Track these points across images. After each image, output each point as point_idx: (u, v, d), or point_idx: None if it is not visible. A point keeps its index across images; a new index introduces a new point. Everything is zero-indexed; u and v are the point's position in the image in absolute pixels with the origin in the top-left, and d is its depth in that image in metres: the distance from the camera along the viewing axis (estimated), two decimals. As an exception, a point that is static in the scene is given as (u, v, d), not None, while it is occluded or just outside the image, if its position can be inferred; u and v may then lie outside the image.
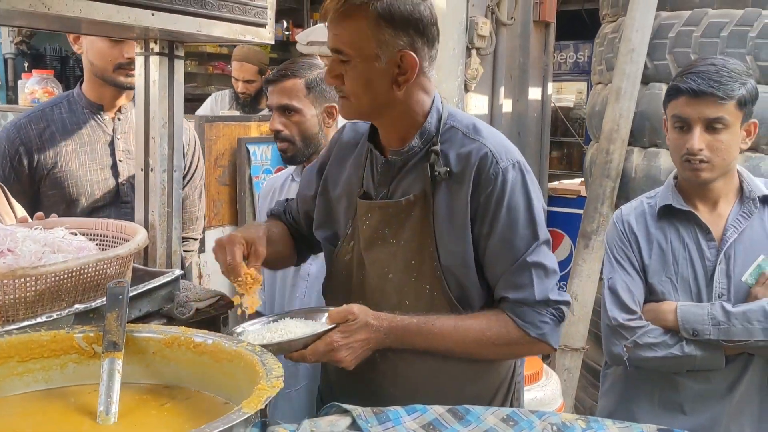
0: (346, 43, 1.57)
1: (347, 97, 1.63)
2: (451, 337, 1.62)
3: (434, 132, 1.67)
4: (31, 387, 1.44)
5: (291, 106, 2.34)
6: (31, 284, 1.50)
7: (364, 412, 1.26)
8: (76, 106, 2.47)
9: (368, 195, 1.75)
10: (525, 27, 5.69)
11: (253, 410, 1.12)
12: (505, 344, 1.64)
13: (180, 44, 2.02)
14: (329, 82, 1.64)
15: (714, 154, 1.96)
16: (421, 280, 1.67)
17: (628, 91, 3.30)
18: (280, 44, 8.23)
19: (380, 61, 1.57)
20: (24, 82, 4.61)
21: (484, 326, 1.63)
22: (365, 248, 1.73)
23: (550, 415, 1.31)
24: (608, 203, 3.35)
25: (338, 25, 1.58)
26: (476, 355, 1.67)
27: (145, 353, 1.49)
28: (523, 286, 1.63)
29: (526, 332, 1.63)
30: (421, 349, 1.63)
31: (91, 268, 1.62)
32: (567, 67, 9.45)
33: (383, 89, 1.61)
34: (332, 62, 1.61)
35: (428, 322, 1.61)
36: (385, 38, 1.56)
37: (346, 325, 1.56)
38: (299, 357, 1.54)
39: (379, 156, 1.73)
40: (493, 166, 1.61)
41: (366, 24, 1.55)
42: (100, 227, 1.93)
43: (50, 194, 2.39)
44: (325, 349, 1.54)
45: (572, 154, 9.36)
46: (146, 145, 2.03)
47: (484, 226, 1.63)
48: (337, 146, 1.87)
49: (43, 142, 2.39)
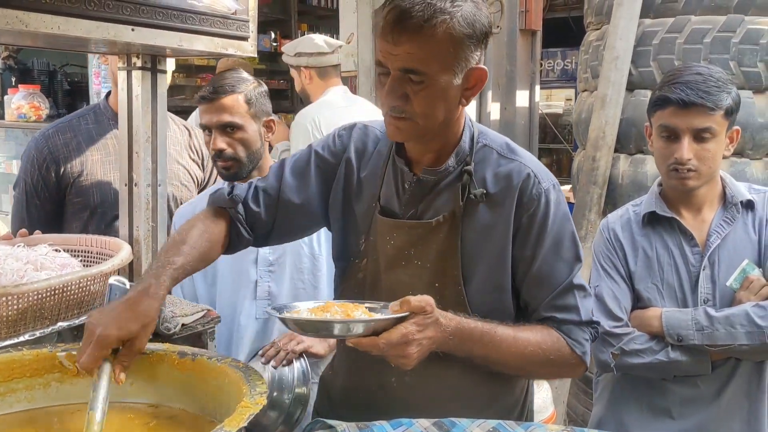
0: (422, 62, 1.43)
1: (412, 118, 1.49)
2: (510, 347, 1.53)
3: (468, 151, 1.60)
4: (13, 407, 1.43)
5: (234, 123, 2.25)
6: (13, 303, 1.49)
7: (349, 427, 1.26)
8: (102, 118, 2.56)
9: (390, 212, 1.65)
10: (511, 35, 5.72)
11: (236, 428, 1.11)
12: (556, 360, 1.58)
13: (162, 58, 2.01)
14: (392, 103, 1.49)
15: (701, 162, 1.97)
16: (444, 304, 1.54)
17: (613, 98, 3.30)
18: (268, 55, 8.23)
19: (457, 78, 1.47)
20: (10, 98, 4.61)
21: (540, 339, 1.56)
22: (386, 269, 1.63)
23: (536, 426, 1.31)
24: (596, 210, 3.35)
25: (413, 42, 1.42)
26: (527, 370, 1.61)
27: (128, 371, 1.48)
28: (569, 308, 1.59)
29: (573, 350, 1.58)
30: (477, 356, 1.52)
31: (74, 285, 1.61)
32: (555, 74, 9.50)
33: (454, 108, 1.53)
34: (396, 81, 1.46)
35: (491, 329, 1.52)
36: (466, 54, 1.46)
37: (423, 317, 1.41)
38: (370, 344, 1.36)
39: (407, 172, 1.63)
40: (536, 186, 1.56)
41: (449, 38, 1.43)
42: (84, 243, 1.92)
43: (75, 201, 2.48)
44: (398, 340, 1.37)
45: (561, 161, 9.40)
46: (129, 159, 2.02)
47: (526, 248, 1.57)
48: (350, 152, 1.71)
49: (69, 151, 2.49)
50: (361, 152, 1.72)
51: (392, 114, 1.50)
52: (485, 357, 1.52)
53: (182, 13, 1.77)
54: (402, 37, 1.42)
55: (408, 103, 1.47)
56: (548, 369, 1.60)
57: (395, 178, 1.65)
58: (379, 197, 1.66)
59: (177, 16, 1.75)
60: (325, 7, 9.08)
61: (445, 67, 1.45)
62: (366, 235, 1.67)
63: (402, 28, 1.42)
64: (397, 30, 1.42)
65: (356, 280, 1.69)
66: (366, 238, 1.67)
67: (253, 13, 1.96)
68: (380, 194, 1.66)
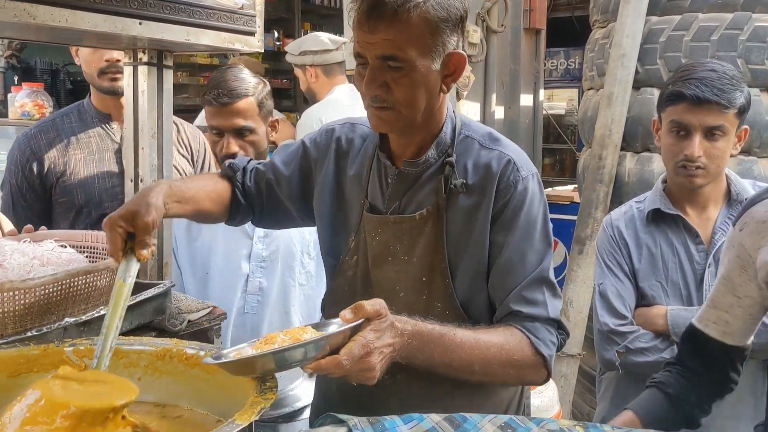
0: (400, 48, 1.43)
1: (394, 107, 1.49)
2: (472, 349, 1.46)
3: (449, 142, 1.60)
4: (20, 403, 1.41)
5: (249, 127, 2.27)
6: (19, 298, 1.48)
7: (360, 422, 1.24)
8: (86, 116, 2.52)
9: (375, 208, 1.65)
10: (515, 34, 5.71)
11: (246, 422, 1.10)
12: (520, 361, 1.51)
13: (169, 54, 2.00)
14: (373, 92, 1.49)
15: (710, 160, 1.96)
16: (433, 297, 1.58)
17: (619, 96, 3.29)
18: (271, 54, 8.23)
19: (435, 63, 1.47)
20: (14, 96, 4.60)
21: (503, 340, 1.50)
22: (374, 265, 1.63)
23: (548, 421, 1.29)
24: (602, 208, 3.34)
25: (389, 29, 1.42)
26: (490, 373, 1.52)
27: (136, 366, 1.47)
28: (536, 302, 1.55)
29: (537, 350, 1.52)
30: (437, 361, 1.44)
31: (80, 280, 1.59)
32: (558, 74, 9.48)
33: (435, 95, 1.52)
34: (376, 70, 1.46)
35: (450, 331, 1.46)
36: (443, 39, 1.46)
37: (378, 321, 1.32)
38: (331, 364, 1.24)
39: (390, 166, 1.63)
40: (514, 173, 1.55)
41: (424, 23, 1.43)
42: (90, 239, 1.91)
43: (61, 201, 2.45)
44: (360, 352, 1.26)
45: (564, 161, 9.37)
46: (135, 155, 2.01)
47: (499, 234, 1.56)
48: (337, 150, 1.73)
49: (53, 151, 2.45)
50: (346, 149, 1.72)
51: (374, 105, 1.51)
52: (447, 363, 1.45)
53: (189, 7, 1.77)
54: (378, 25, 1.43)
55: (389, 91, 1.48)
56: (512, 371, 1.53)
57: (379, 174, 1.65)
58: (367, 194, 1.66)
59: (184, 10, 1.75)
60: (329, 6, 9.09)
61: (423, 51, 1.45)
62: (356, 232, 1.67)
63: (377, 16, 1.43)
64: (372, 18, 1.43)
65: (346, 278, 1.69)
66: (356, 235, 1.67)
67: (260, 8, 1.95)
68: (368, 191, 1.66)
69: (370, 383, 1.31)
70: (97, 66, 2.40)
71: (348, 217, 1.69)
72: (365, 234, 1.65)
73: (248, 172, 1.78)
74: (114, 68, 2.36)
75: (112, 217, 1.44)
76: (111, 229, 1.42)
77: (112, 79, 2.39)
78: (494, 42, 5.43)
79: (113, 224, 1.43)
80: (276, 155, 1.80)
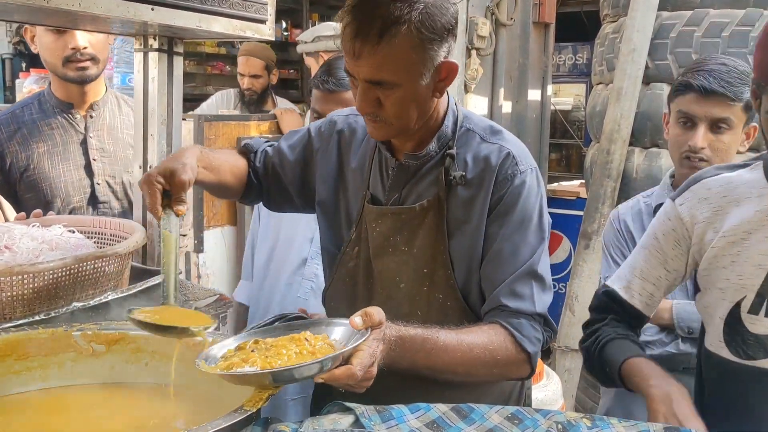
0: (387, 72, 1.43)
1: (386, 120, 1.50)
2: (455, 351, 1.45)
3: (450, 135, 1.60)
4: (29, 386, 1.42)
5: None
6: (28, 281, 1.49)
7: (367, 410, 1.24)
8: (47, 106, 2.39)
9: (376, 200, 1.65)
10: (524, 28, 5.68)
11: (255, 408, 1.10)
12: (503, 360, 1.50)
13: (179, 41, 2.00)
14: (365, 110, 1.50)
15: (714, 153, 1.96)
16: (434, 289, 1.58)
17: (629, 91, 3.29)
18: (279, 44, 8.21)
19: (425, 78, 1.47)
20: (21, 82, 4.60)
21: (486, 340, 1.48)
22: (375, 256, 1.63)
23: (555, 413, 1.29)
24: (609, 203, 3.33)
25: (374, 55, 1.41)
26: (473, 374, 1.51)
27: (143, 352, 1.48)
28: (523, 296, 1.54)
29: (522, 347, 1.51)
30: (421, 365, 1.43)
31: (89, 265, 1.60)
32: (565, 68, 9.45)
33: (427, 103, 1.52)
34: (365, 90, 1.46)
35: (433, 335, 1.43)
36: (430, 55, 1.44)
37: (379, 330, 1.31)
38: (346, 375, 1.22)
39: (390, 159, 1.64)
40: (512, 167, 1.55)
41: (409, 46, 1.41)
42: (98, 225, 1.91)
43: (27, 197, 2.32)
44: (368, 362, 1.25)
45: (571, 156, 9.35)
46: (144, 142, 2.01)
47: (493, 226, 1.56)
48: (339, 141, 1.74)
49: (14, 144, 2.33)
50: (349, 141, 1.73)
51: (368, 118, 1.52)
52: (430, 366, 1.44)
53: (201, -6, 1.76)
54: (363, 51, 1.41)
55: (381, 108, 1.48)
56: (496, 370, 1.52)
57: (380, 165, 1.66)
58: (369, 185, 1.66)
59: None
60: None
61: (410, 73, 1.44)
62: (357, 223, 1.67)
63: (361, 44, 1.41)
64: (357, 45, 1.42)
65: (348, 269, 1.69)
66: (357, 226, 1.67)
67: (271, -5, 1.95)
68: (369, 182, 1.66)
69: (360, 391, 1.29)
70: (61, 54, 2.27)
71: (349, 208, 1.70)
72: (366, 225, 1.65)
73: (259, 153, 1.79)
74: (80, 56, 2.27)
75: (151, 174, 1.45)
76: (150, 185, 1.44)
77: (78, 68, 2.29)
78: (503, 35, 5.40)
79: (152, 181, 1.44)
80: (283, 140, 1.80)
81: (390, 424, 1.23)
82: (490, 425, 1.25)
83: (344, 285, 1.70)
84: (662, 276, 1.62)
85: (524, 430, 1.24)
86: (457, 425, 1.25)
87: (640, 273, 1.64)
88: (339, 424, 1.21)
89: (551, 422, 1.26)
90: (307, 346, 1.24)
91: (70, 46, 2.26)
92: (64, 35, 2.25)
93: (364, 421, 1.22)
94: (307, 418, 1.24)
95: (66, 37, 2.26)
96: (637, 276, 1.64)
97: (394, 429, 1.21)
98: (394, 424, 1.23)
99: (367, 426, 1.21)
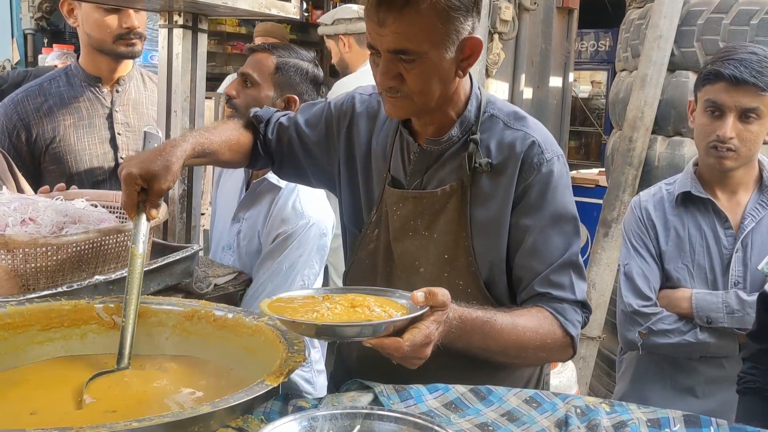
0: (412, 41, 1.40)
1: (408, 96, 1.47)
2: (510, 335, 1.45)
3: (474, 120, 1.57)
4: (52, 357, 1.43)
5: (251, 78, 2.17)
6: (52, 253, 1.50)
7: (386, 389, 1.25)
8: (75, 80, 2.43)
9: (398, 183, 1.64)
10: (548, 13, 5.63)
11: (276, 383, 1.11)
12: (551, 344, 1.51)
13: (204, 18, 2.00)
14: (386, 84, 1.47)
15: (742, 143, 1.94)
16: (455, 275, 1.56)
17: (653, 78, 3.24)
18: (299, 26, 8.20)
19: (449, 51, 1.44)
20: (44, 57, 4.64)
21: (536, 324, 1.49)
22: (394, 239, 1.62)
23: (573, 397, 1.29)
24: (629, 191, 3.30)
25: (398, 22, 1.39)
26: (522, 356, 1.51)
27: (164, 326, 1.49)
28: (563, 286, 1.54)
29: (566, 330, 1.52)
30: (475, 346, 1.42)
31: (111, 239, 1.61)
32: (587, 55, 9.36)
33: (450, 80, 1.49)
34: (388, 62, 1.44)
35: (491, 318, 1.43)
36: (455, 26, 1.42)
37: (441, 313, 1.28)
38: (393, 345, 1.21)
39: (412, 143, 1.61)
40: (538, 155, 1.52)
41: (434, 13, 1.39)
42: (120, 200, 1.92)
43: (51, 169, 2.37)
44: (421, 341, 1.23)
45: (590, 144, 9.29)
46: (167, 118, 2.02)
47: (523, 217, 1.53)
48: (356, 120, 1.72)
49: (40, 116, 2.36)
50: (371, 121, 1.71)
51: (388, 94, 1.49)
52: (484, 347, 1.44)
53: (227, -30, 1.76)
54: (387, 18, 1.39)
55: (403, 82, 1.46)
56: (543, 354, 1.54)
57: (401, 149, 1.64)
58: (390, 167, 1.65)
59: (222, -27, 1.74)
60: (359, -22, 9.00)
61: (435, 42, 1.42)
62: (378, 205, 1.66)
63: (386, 9, 1.39)
64: (381, 11, 1.40)
65: (368, 251, 1.68)
66: (378, 208, 1.66)
67: (297, -27, 1.94)
68: (390, 164, 1.65)
69: (412, 368, 1.27)
70: (113, 32, 2.33)
71: (371, 190, 1.69)
72: (387, 208, 1.64)
73: (271, 124, 1.78)
74: (133, 35, 2.33)
75: (132, 174, 1.44)
76: (129, 184, 1.44)
77: (129, 44, 2.34)
78: (526, 20, 5.35)
79: (132, 181, 1.44)
80: (300, 113, 1.79)
81: (408, 403, 1.23)
82: (509, 407, 1.25)
83: (364, 267, 1.70)
84: None
85: (543, 413, 1.24)
86: (475, 406, 1.25)
87: None
88: (358, 401, 1.22)
89: (570, 406, 1.26)
90: (366, 311, 1.25)
91: (125, 26, 2.32)
92: (118, 14, 2.31)
93: (382, 400, 1.23)
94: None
95: (120, 17, 2.31)
96: None
97: (413, 408, 1.22)
98: (413, 404, 1.23)
99: (386, 404, 1.21)
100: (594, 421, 1.20)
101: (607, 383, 3.40)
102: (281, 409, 1.17)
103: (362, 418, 1.08)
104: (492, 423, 1.20)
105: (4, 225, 1.57)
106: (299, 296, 1.34)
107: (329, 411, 1.09)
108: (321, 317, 1.21)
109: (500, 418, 1.22)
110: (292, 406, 1.18)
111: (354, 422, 1.07)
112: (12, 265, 1.48)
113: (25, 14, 6.68)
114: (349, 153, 1.72)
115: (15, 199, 1.67)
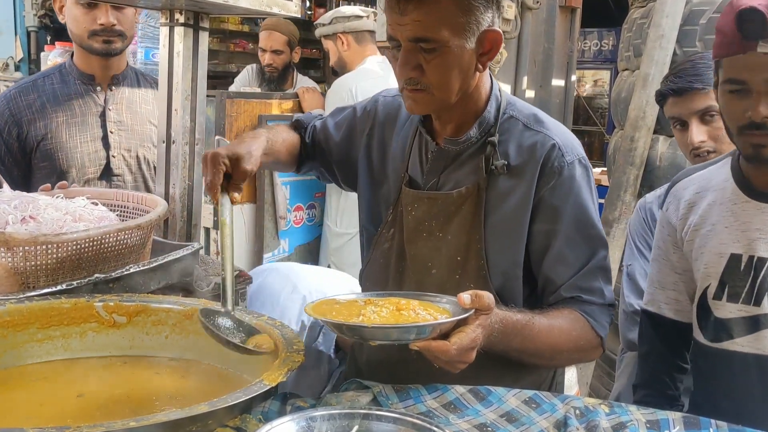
0: (432, 29, 1.40)
1: (427, 89, 1.46)
2: (547, 338, 1.45)
3: (493, 122, 1.56)
4: (51, 355, 1.44)
5: None
6: (52, 251, 1.50)
7: (385, 389, 1.25)
8: (68, 77, 2.42)
9: (414, 183, 1.63)
10: (551, 12, 5.60)
11: (274, 382, 1.11)
12: (584, 346, 1.52)
13: (205, 16, 1.99)
14: (406, 75, 1.46)
15: (718, 142, 1.99)
16: (466, 278, 1.55)
17: (656, 77, 3.23)
18: (302, 23, 8.16)
19: (469, 42, 1.43)
20: (47, 54, 4.63)
21: (570, 326, 1.50)
22: (408, 240, 1.61)
23: (573, 398, 1.29)
24: (631, 191, 3.30)
25: (419, 10, 1.39)
26: (557, 359, 1.53)
27: (164, 324, 1.49)
28: (593, 290, 1.54)
29: (596, 332, 1.52)
30: (513, 349, 1.42)
31: (111, 237, 1.61)
32: (590, 54, 9.34)
33: (470, 74, 1.49)
34: (408, 53, 1.43)
35: (530, 321, 1.43)
36: (476, 17, 1.42)
37: (486, 316, 1.28)
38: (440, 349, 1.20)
39: (430, 142, 1.61)
40: (558, 158, 1.51)
41: (455, 4, 1.40)
42: (121, 198, 1.93)
43: (42, 166, 2.35)
44: (467, 345, 1.22)
45: (593, 144, 9.27)
46: (168, 116, 2.01)
47: (545, 222, 1.52)
48: (383, 121, 1.73)
49: (33, 113, 2.35)
50: (392, 121, 1.72)
51: (408, 87, 1.48)
52: (522, 350, 1.44)
53: (229, -31, 1.76)
54: (408, 7, 1.40)
55: (422, 74, 1.45)
56: (576, 355, 1.56)
57: (420, 148, 1.64)
58: (407, 167, 1.65)
59: (223, -30, 1.73)
60: (362, -24, 8.99)
61: (456, 31, 1.42)
62: (394, 205, 1.66)
63: None
64: (402, 1, 1.40)
65: (383, 251, 1.68)
66: (394, 208, 1.66)
67: (298, -28, 1.94)
68: (408, 165, 1.65)
69: (454, 372, 1.26)
70: (88, 27, 2.31)
71: (388, 190, 1.69)
72: (402, 208, 1.64)
73: (309, 128, 1.83)
74: (108, 32, 2.31)
75: (219, 153, 1.43)
76: (216, 164, 1.42)
77: (105, 41, 2.32)
78: (528, 19, 5.33)
79: (219, 160, 1.43)
80: (330, 116, 1.82)
81: (407, 403, 1.23)
82: (508, 408, 1.25)
83: (378, 266, 1.69)
84: (677, 280, 1.67)
85: (542, 414, 1.24)
86: (474, 407, 1.25)
87: (658, 284, 1.71)
88: (357, 401, 1.22)
89: (569, 407, 1.26)
90: (411, 314, 1.25)
91: (99, 22, 2.30)
92: (94, 9, 2.29)
93: (381, 400, 1.23)
94: (324, 394, 1.25)
95: (96, 12, 2.29)
96: (656, 287, 1.72)
97: (412, 408, 1.22)
98: (412, 404, 1.23)
99: (385, 404, 1.21)
100: (593, 423, 1.19)
101: (608, 383, 3.40)
102: (279, 409, 1.17)
103: (360, 419, 1.08)
104: (491, 424, 1.20)
105: (4, 223, 1.57)
106: (341, 300, 1.35)
107: (327, 411, 1.09)
108: (368, 321, 1.21)
109: (499, 419, 1.22)
110: (291, 405, 1.18)
111: (352, 422, 1.07)
112: (12, 263, 1.47)
113: (28, 11, 6.69)
114: (369, 153, 1.74)
115: (15, 196, 1.67)
